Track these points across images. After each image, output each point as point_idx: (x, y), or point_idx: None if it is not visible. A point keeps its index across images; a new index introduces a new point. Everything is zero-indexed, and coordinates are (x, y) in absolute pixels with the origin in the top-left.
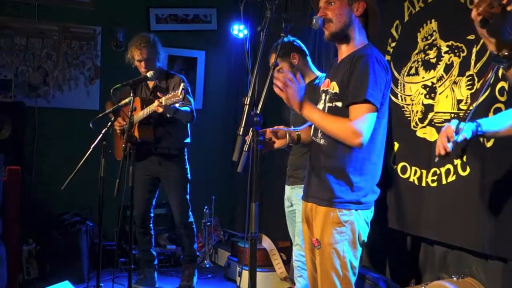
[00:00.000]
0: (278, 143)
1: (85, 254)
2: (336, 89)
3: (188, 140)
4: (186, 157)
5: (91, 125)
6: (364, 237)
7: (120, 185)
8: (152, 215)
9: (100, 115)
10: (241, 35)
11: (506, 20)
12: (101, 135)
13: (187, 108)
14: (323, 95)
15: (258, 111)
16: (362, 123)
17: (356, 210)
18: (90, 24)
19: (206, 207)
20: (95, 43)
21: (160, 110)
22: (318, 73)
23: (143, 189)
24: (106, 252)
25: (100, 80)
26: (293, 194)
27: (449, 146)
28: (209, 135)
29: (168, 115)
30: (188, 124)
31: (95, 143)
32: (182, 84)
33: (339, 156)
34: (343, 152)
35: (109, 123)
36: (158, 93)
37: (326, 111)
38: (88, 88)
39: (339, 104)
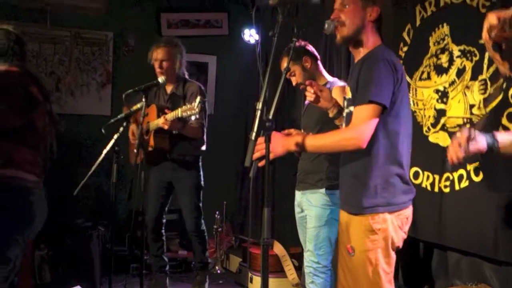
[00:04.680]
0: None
1: (97, 259)
2: (349, 95)
3: (203, 147)
4: (200, 164)
5: (103, 130)
6: (398, 243)
7: (132, 191)
8: (164, 220)
9: (112, 120)
10: (252, 40)
11: None
12: (113, 140)
13: (195, 125)
14: (344, 102)
15: (270, 116)
16: (357, 124)
17: (388, 212)
18: (102, 30)
19: (217, 212)
20: (107, 48)
21: (166, 127)
22: (329, 78)
23: (156, 194)
24: (117, 257)
25: (112, 85)
26: (303, 200)
27: (461, 152)
28: (220, 140)
29: (174, 132)
30: (204, 132)
31: (107, 148)
32: (199, 97)
33: (361, 160)
34: (364, 156)
35: (121, 129)
36: (165, 111)
37: (345, 117)
38: (100, 94)
39: (353, 108)
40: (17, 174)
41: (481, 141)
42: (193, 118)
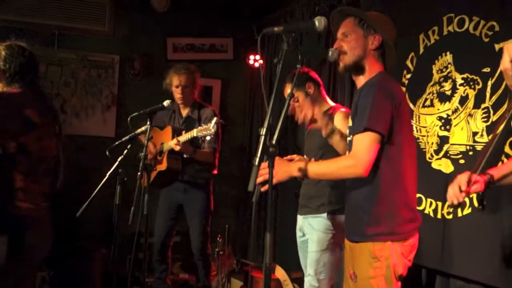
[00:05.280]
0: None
1: (99, 281)
2: (350, 123)
3: (215, 172)
4: (211, 188)
5: (107, 153)
6: (402, 271)
7: (135, 213)
8: (170, 243)
9: (117, 142)
10: (256, 65)
11: None
12: (117, 162)
13: (207, 149)
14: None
15: (273, 142)
16: (358, 152)
17: (391, 241)
18: (108, 53)
19: (219, 235)
20: (113, 71)
21: (177, 148)
22: (331, 103)
23: (166, 216)
24: (119, 279)
25: (117, 108)
26: (305, 224)
27: (462, 195)
28: (223, 163)
29: (185, 156)
30: (217, 156)
31: (111, 170)
32: (215, 118)
33: (364, 188)
34: (367, 184)
35: (125, 151)
36: (182, 132)
37: (347, 145)
38: (104, 116)
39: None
40: (8, 202)
41: (479, 183)
42: (208, 138)
